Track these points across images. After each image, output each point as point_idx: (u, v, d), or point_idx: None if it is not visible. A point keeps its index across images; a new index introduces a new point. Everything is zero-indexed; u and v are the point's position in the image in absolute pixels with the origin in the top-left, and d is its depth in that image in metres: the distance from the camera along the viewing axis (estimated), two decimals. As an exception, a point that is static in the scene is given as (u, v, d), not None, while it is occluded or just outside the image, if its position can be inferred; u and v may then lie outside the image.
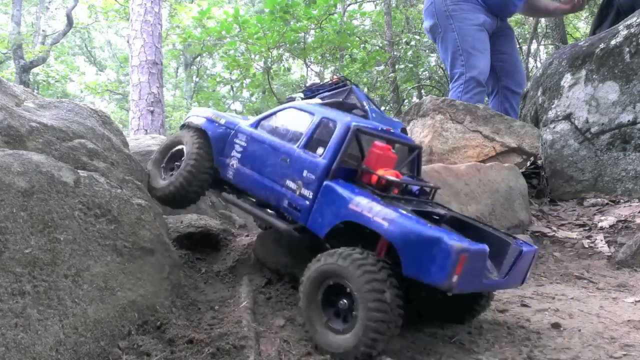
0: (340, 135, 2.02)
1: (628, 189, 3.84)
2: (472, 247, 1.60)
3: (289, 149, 2.14)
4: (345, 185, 1.94)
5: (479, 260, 1.65)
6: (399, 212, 1.74)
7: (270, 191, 2.18)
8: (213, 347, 1.74)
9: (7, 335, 1.48)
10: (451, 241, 1.57)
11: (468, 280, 1.62)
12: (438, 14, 4.98)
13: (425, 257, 1.61)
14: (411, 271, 1.65)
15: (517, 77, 5.22)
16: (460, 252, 1.55)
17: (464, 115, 4.21)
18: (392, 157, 2.06)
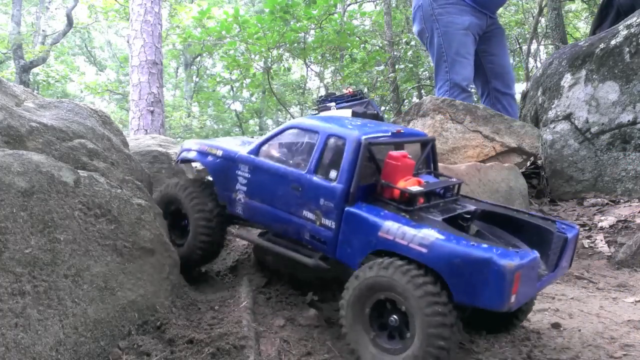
0: (351, 153, 1.84)
1: (628, 189, 3.84)
2: (525, 261, 1.49)
3: (299, 176, 1.95)
4: (369, 209, 1.79)
5: (532, 270, 1.56)
6: (436, 232, 1.61)
7: (287, 224, 2.02)
8: (213, 347, 1.74)
9: (7, 335, 1.48)
10: (503, 261, 1.45)
11: (524, 293, 1.54)
12: (425, 18, 4.96)
13: (476, 281, 1.49)
14: (463, 298, 1.52)
15: (506, 78, 5.17)
16: (514, 272, 1.44)
17: (464, 115, 4.21)
18: (410, 163, 1.91)
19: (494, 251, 1.49)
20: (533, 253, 1.57)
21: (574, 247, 1.87)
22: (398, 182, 1.85)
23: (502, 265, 1.44)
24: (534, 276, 1.59)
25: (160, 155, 3.40)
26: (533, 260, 1.55)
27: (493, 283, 1.45)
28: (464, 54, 4.80)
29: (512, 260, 1.45)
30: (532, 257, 1.55)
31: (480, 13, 4.90)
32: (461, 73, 4.79)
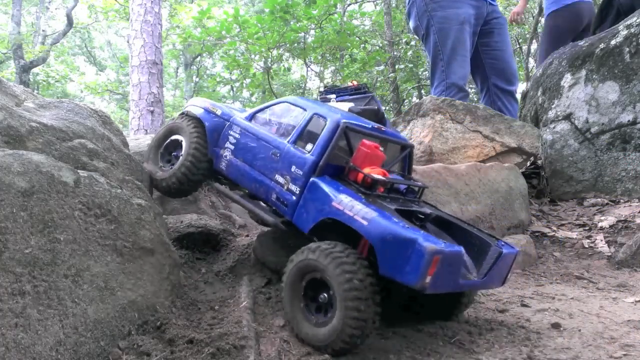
0: (329, 131, 2.03)
1: (628, 189, 3.84)
2: (447, 249, 1.62)
3: (280, 144, 2.16)
4: (330, 182, 1.96)
5: (454, 262, 1.67)
6: (379, 211, 1.76)
7: (260, 184, 2.22)
8: (213, 347, 1.74)
9: (7, 335, 1.48)
10: (426, 243, 1.59)
11: (442, 281, 1.65)
12: (419, 14, 4.79)
13: (400, 257, 1.64)
14: (387, 270, 1.68)
15: (508, 74, 4.96)
16: (433, 254, 1.57)
17: (464, 115, 4.21)
18: (379, 155, 2.06)
19: (420, 234, 1.64)
20: (458, 247, 1.69)
21: (508, 265, 1.97)
22: (364, 168, 2.00)
23: (423, 246, 1.59)
24: (456, 269, 1.71)
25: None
26: (455, 252, 1.66)
27: (413, 260, 1.60)
28: (461, 51, 4.68)
29: (434, 244, 1.59)
30: (455, 249, 1.67)
31: (479, 0, 4.79)
32: (458, 72, 4.70)
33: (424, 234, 1.65)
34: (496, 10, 5.00)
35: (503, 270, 1.95)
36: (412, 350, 1.83)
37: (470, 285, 1.87)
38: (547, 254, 3.31)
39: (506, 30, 5.13)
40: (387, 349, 1.81)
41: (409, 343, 1.88)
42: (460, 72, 4.69)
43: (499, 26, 4.98)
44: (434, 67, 4.83)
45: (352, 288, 1.66)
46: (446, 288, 1.73)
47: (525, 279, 2.86)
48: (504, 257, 1.91)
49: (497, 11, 5.01)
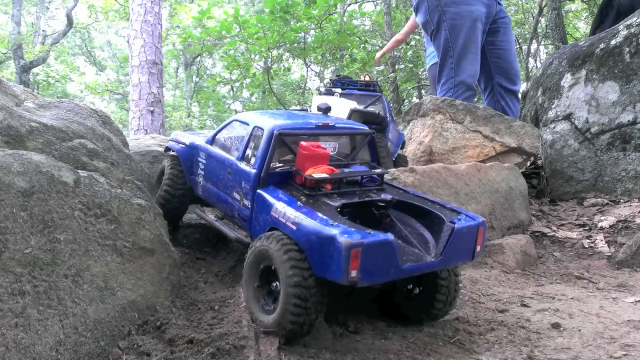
0: (264, 142, 2.07)
1: (628, 189, 3.84)
2: (366, 241, 1.60)
3: (232, 162, 2.24)
4: (273, 191, 2.00)
5: (380, 251, 1.65)
6: (308, 213, 1.79)
7: (225, 203, 2.30)
8: (213, 347, 1.74)
9: (7, 335, 1.48)
10: (342, 237, 1.60)
11: (375, 272, 1.65)
12: (430, 9, 4.72)
13: (325, 255, 1.65)
14: (318, 270, 1.68)
15: (511, 74, 4.94)
16: (350, 248, 1.57)
17: (464, 115, 4.21)
18: (322, 153, 2.08)
19: (339, 230, 1.64)
20: (385, 236, 1.66)
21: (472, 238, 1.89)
22: (307, 170, 2.02)
23: (340, 242, 1.59)
24: (388, 258, 1.67)
25: (160, 155, 3.40)
26: (378, 241, 1.64)
27: (335, 257, 1.61)
28: (472, 49, 4.62)
29: (351, 238, 1.59)
30: (378, 238, 1.64)
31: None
32: (467, 70, 4.64)
33: (344, 229, 1.65)
34: (502, 10, 4.99)
35: (465, 244, 1.89)
36: (412, 350, 1.83)
37: (422, 267, 1.81)
38: (547, 254, 3.31)
39: (511, 30, 5.11)
40: (387, 349, 1.81)
41: (409, 343, 1.88)
42: (470, 70, 4.64)
43: (504, 25, 4.96)
44: (443, 64, 4.77)
45: (295, 279, 1.69)
46: (385, 277, 1.71)
47: (525, 279, 2.86)
48: (459, 231, 1.84)
49: (503, 11, 5.00)
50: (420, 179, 3.01)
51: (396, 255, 1.68)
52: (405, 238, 1.95)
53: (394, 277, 1.74)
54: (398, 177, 2.98)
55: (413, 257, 1.83)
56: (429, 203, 2.07)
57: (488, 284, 2.66)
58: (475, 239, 1.91)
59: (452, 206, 2.04)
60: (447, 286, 1.99)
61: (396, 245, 1.68)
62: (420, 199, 2.12)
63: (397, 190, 2.21)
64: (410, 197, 2.13)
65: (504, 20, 4.97)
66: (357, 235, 1.61)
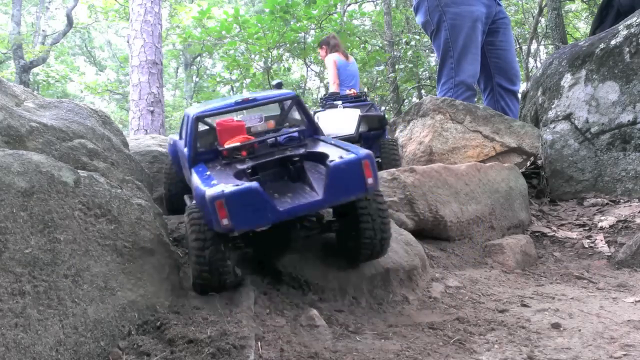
0: (189, 126, 2.30)
1: (628, 189, 3.84)
2: (227, 191, 1.76)
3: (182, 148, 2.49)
4: (198, 167, 2.19)
5: (248, 199, 1.79)
6: (205, 179, 1.97)
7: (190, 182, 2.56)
8: (213, 347, 1.74)
9: (7, 335, 1.48)
10: (208, 192, 1.78)
11: (248, 218, 1.79)
12: (431, 9, 4.74)
13: (206, 210, 1.84)
14: (210, 224, 1.88)
15: (511, 74, 4.94)
16: (213, 200, 1.75)
17: (464, 115, 4.21)
18: (235, 125, 2.28)
19: (209, 187, 1.83)
20: (248, 185, 1.81)
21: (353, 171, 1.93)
22: (225, 143, 2.21)
23: (205, 196, 1.79)
24: (258, 204, 1.80)
25: (160, 155, 3.40)
26: (242, 190, 1.79)
27: (208, 209, 1.80)
28: (472, 49, 4.63)
29: (212, 192, 1.78)
30: (239, 189, 1.79)
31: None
32: (467, 70, 4.65)
33: (213, 185, 1.83)
34: (502, 11, 4.99)
35: (349, 179, 1.93)
36: (412, 350, 1.83)
37: (305, 206, 1.91)
38: (547, 254, 3.31)
39: (510, 30, 5.12)
40: (387, 349, 1.81)
41: (409, 343, 1.88)
42: (470, 70, 4.64)
43: (504, 26, 4.96)
44: (443, 64, 4.78)
45: (192, 235, 1.92)
46: (262, 221, 1.83)
47: (525, 279, 2.86)
48: (335, 168, 1.90)
49: (503, 11, 5.00)
50: (420, 178, 3.01)
51: (267, 201, 1.81)
52: (311, 184, 2.06)
53: (273, 220, 1.86)
54: (398, 177, 2.98)
55: (303, 199, 1.95)
56: (337, 149, 2.14)
57: (488, 284, 2.67)
58: (362, 172, 1.96)
59: (350, 147, 2.11)
60: (367, 213, 2.12)
61: (262, 191, 1.80)
62: (332, 147, 2.19)
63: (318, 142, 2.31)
64: (324, 147, 2.24)
65: (504, 21, 4.97)
66: (219, 188, 1.78)
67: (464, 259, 2.99)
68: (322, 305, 2.22)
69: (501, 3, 5.01)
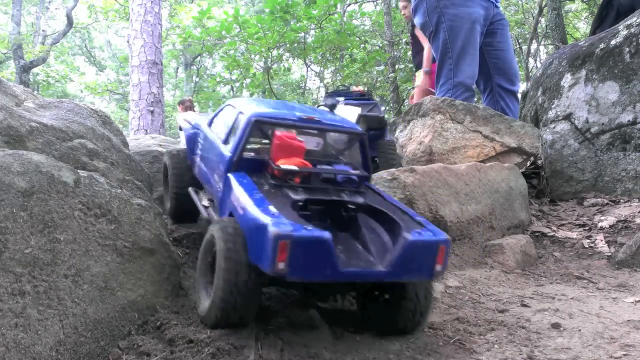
0: (242, 128, 2.04)
1: (628, 189, 3.84)
2: (297, 234, 1.53)
3: (217, 145, 2.24)
4: (240, 176, 1.95)
5: (314, 248, 1.57)
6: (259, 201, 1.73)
7: (209, 184, 2.31)
8: (213, 347, 1.74)
9: (7, 335, 1.48)
10: (273, 227, 1.54)
11: (306, 268, 1.58)
12: (429, 10, 4.75)
13: (258, 243, 1.61)
14: (252, 257, 1.65)
15: (510, 74, 4.95)
16: (278, 238, 1.52)
17: (464, 115, 4.21)
18: (296, 145, 2.01)
19: (273, 220, 1.58)
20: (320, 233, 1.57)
21: (430, 255, 1.73)
22: (278, 160, 1.97)
23: (269, 231, 1.54)
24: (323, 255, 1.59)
25: (160, 155, 3.40)
26: (312, 237, 1.56)
27: (266, 245, 1.55)
28: (471, 51, 4.65)
29: (280, 228, 1.54)
30: (311, 234, 1.56)
31: (487, 2, 4.77)
32: (466, 71, 4.67)
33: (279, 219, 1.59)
34: (500, 13, 5.02)
35: (421, 260, 1.73)
36: (412, 350, 1.83)
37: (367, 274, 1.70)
38: (547, 254, 3.31)
39: (508, 31, 5.13)
40: (387, 349, 1.81)
41: (409, 343, 1.88)
42: (469, 71, 4.66)
43: (502, 27, 4.98)
44: (441, 65, 4.80)
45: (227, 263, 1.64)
46: (319, 276, 1.62)
47: (525, 279, 2.86)
48: (413, 244, 1.70)
49: (500, 13, 5.03)
50: (420, 179, 3.01)
51: (332, 255, 1.59)
52: (365, 243, 1.85)
53: (330, 279, 1.65)
54: (398, 177, 2.98)
55: (362, 263, 1.73)
56: (399, 212, 1.93)
57: (488, 284, 2.67)
58: (435, 256, 1.74)
59: (422, 219, 1.89)
60: (412, 299, 1.85)
61: (332, 245, 1.58)
62: (392, 207, 1.98)
63: (375, 195, 2.09)
64: (382, 203, 2.00)
65: (502, 22, 5.00)
66: (288, 227, 1.54)
67: (464, 259, 2.99)
68: (323, 306, 2.22)
69: (499, 5, 5.03)
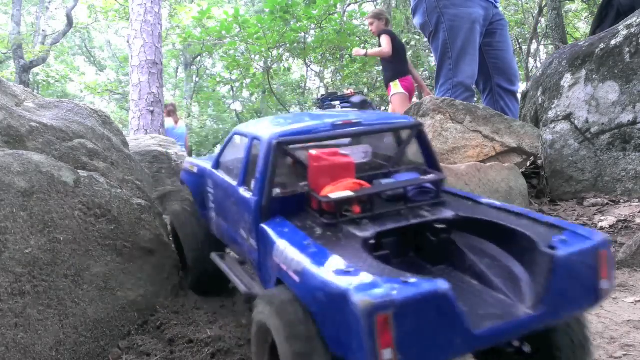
0: (263, 158, 1.50)
1: (628, 189, 3.84)
2: (401, 297, 0.96)
3: (233, 188, 1.68)
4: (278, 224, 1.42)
5: (431, 311, 1.00)
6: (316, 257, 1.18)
7: (235, 243, 1.75)
8: (213, 347, 1.74)
9: (7, 335, 1.48)
10: (358, 295, 0.97)
11: (425, 348, 1.00)
12: (429, 10, 4.77)
13: (339, 324, 1.04)
14: (335, 347, 1.08)
15: (509, 74, 4.97)
16: (374, 312, 0.94)
17: (464, 115, 4.22)
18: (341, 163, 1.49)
19: (354, 281, 1.02)
20: (433, 285, 1.01)
21: (589, 268, 1.19)
22: (324, 188, 1.44)
23: (355, 302, 0.96)
24: (446, 319, 1.02)
25: (160, 155, 3.40)
26: (428, 295, 0.99)
27: (353, 327, 0.98)
28: (470, 51, 4.66)
29: (371, 295, 0.96)
30: (422, 291, 0.99)
31: (487, 2, 4.79)
32: (466, 71, 4.68)
33: (363, 279, 1.03)
34: (499, 13, 5.04)
35: (579, 280, 1.19)
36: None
37: (514, 328, 1.13)
38: (547, 254, 3.31)
39: (507, 31, 5.16)
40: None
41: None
42: (468, 71, 4.68)
43: (501, 27, 5.00)
44: (441, 65, 4.81)
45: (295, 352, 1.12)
46: (446, 354, 1.04)
47: (525, 279, 2.86)
48: (564, 262, 1.15)
49: (500, 13, 5.05)
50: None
51: (458, 315, 1.03)
52: (481, 277, 1.29)
53: (463, 351, 1.07)
54: (398, 177, 2.97)
55: (496, 310, 1.17)
56: (514, 217, 1.38)
57: (488, 284, 2.66)
58: (597, 268, 1.19)
59: (550, 219, 1.34)
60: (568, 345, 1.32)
61: (453, 298, 1.02)
62: (501, 212, 1.44)
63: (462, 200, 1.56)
64: (484, 211, 1.45)
65: (501, 23, 5.02)
66: (382, 289, 0.98)
67: (464, 259, 2.99)
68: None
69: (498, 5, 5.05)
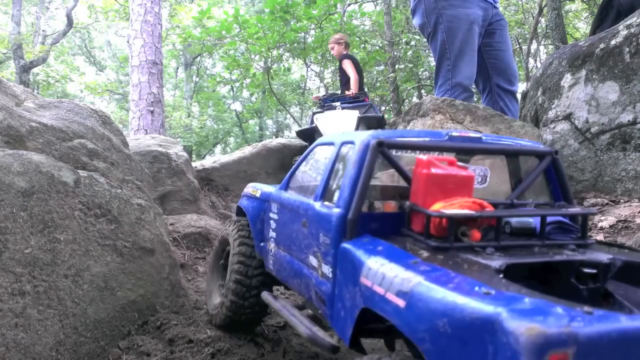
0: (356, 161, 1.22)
1: (628, 189, 3.85)
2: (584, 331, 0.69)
3: (307, 206, 1.41)
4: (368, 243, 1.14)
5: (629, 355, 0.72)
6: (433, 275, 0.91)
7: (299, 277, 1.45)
8: (213, 347, 1.74)
9: (7, 335, 1.48)
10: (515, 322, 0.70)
11: None
12: (427, 11, 4.79)
13: None
14: None
15: (508, 74, 4.98)
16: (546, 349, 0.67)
17: (464, 115, 4.21)
18: (459, 176, 1.19)
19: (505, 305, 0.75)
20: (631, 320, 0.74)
21: None
22: (432, 205, 1.15)
23: (512, 332, 0.70)
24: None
25: (160, 155, 3.40)
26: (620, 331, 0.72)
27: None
28: (469, 51, 4.68)
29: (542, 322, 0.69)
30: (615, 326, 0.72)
31: (486, 2, 4.80)
32: (464, 72, 4.69)
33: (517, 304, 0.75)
34: (499, 13, 5.04)
35: None
36: (412, 350, 1.82)
37: None
38: (547, 254, 3.31)
39: (507, 31, 5.16)
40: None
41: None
42: (467, 72, 4.69)
43: (500, 27, 5.00)
44: (440, 66, 4.83)
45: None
46: None
47: (525, 279, 2.86)
48: None
49: (499, 14, 5.05)
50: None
51: None
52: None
53: None
54: (398, 177, 2.97)
55: None
56: None
57: (488, 284, 2.67)
58: None
59: None
60: None
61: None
62: None
63: (609, 247, 1.25)
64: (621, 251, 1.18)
65: (500, 23, 5.02)
66: (555, 317, 0.71)
67: (464, 259, 2.99)
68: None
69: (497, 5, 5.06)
